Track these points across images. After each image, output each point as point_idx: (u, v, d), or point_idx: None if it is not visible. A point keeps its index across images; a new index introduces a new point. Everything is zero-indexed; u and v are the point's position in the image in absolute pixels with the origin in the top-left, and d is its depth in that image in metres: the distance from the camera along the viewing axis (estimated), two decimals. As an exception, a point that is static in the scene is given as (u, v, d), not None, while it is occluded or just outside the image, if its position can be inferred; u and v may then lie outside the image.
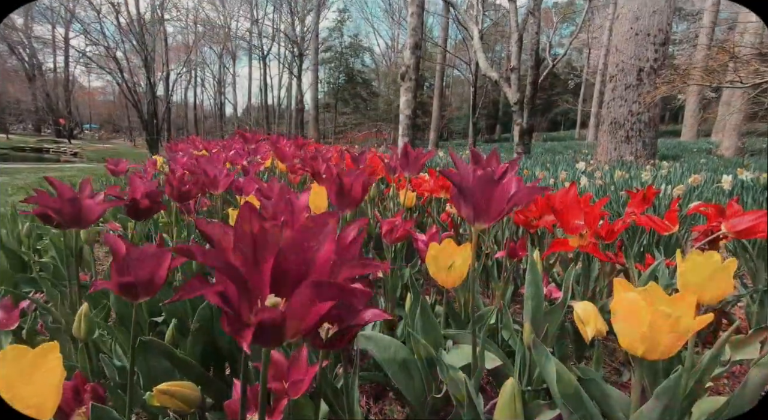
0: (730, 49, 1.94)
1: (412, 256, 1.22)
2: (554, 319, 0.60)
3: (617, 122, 4.79)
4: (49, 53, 20.47)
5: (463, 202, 0.43)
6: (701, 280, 0.45)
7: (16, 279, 1.02)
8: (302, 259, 0.25)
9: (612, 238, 0.96)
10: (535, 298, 0.57)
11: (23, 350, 0.27)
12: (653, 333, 0.36)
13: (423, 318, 0.68)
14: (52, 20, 18.01)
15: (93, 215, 0.65)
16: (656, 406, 0.35)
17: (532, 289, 0.57)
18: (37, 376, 0.27)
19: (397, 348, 0.65)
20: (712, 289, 0.46)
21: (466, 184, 0.42)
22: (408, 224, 0.81)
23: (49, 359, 0.27)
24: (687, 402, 0.48)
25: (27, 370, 0.27)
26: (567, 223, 0.79)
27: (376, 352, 0.63)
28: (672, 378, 0.34)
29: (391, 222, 0.81)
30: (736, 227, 0.80)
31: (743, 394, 0.42)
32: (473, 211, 0.42)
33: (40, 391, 0.26)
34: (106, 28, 13.17)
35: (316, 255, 0.25)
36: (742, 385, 0.41)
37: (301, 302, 0.22)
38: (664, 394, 0.34)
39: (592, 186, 2.42)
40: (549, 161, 5.27)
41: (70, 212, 0.63)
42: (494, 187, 0.42)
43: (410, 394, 0.63)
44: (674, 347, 0.38)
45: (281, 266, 0.25)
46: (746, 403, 0.42)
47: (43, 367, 0.27)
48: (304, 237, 0.25)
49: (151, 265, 0.39)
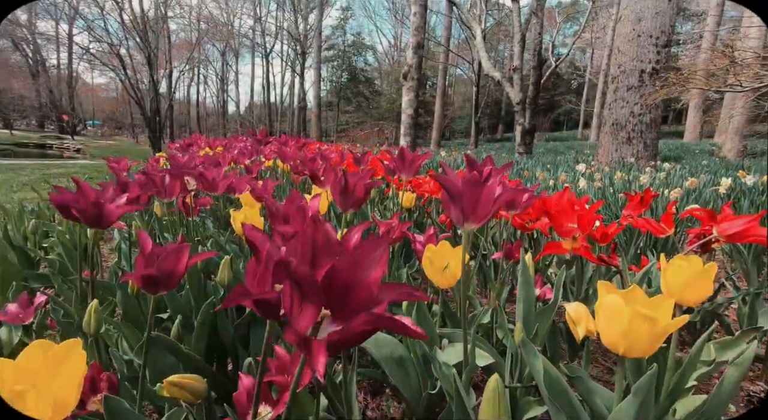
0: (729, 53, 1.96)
1: (410, 256, 1.25)
2: (544, 320, 0.62)
3: (619, 123, 4.80)
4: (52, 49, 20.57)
5: (452, 204, 0.45)
6: (682, 283, 0.48)
7: (25, 275, 1.05)
8: (353, 278, 0.26)
9: (606, 241, 0.98)
10: (526, 299, 0.59)
11: (48, 345, 0.30)
12: (632, 332, 0.38)
13: (419, 317, 0.70)
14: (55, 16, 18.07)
15: (113, 217, 0.68)
16: (634, 402, 0.37)
17: (523, 290, 0.60)
18: (61, 370, 0.29)
19: (395, 346, 0.67)
20: (693, 292, 0.48)
21: (455, 188, 0.44)
22: (405, 226, 0.83)
23: (72, 354, 0.29)
24: (669, 400, 0.51)
25: (51, 364, 0.29)
26: (560, 226, 0.81)
27: (374, 349, 0.65)
28: (647, 375, 0.36)
29: (388, 224, 0.83)
30: (726, 231, 0.82)
31: (720, 393, 0.44)
32: (462, 212, 0.45)
33: (64, 385, 0.29)
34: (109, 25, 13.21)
35: (365, 277, 0.26)
36: (719, 384, 0.44)
37: (356, 328, 0.23)
38: (640, 390, 0.36)
39: (591, 188, 2.44)
40: (550, 162, 5.28)
41: (93, 213, 0.66)
42: (480, 189, 0.44)
43: (406, 391, 0.65)
44: (653, 346, 0.40)
45: (333, 279, 0.25)
46: (723, 401, 0.45)
47: (67, 362, 0.29)
48: (359, 258, 0.26)
49: (172, 260, 0.43)
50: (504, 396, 0.35)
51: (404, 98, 6.70)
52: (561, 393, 0.45)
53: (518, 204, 0.83)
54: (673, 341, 0.51)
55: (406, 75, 6.56)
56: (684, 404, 0.55)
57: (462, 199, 0.44)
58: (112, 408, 0.40)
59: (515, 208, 0.84)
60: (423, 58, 6.90)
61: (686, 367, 0.48)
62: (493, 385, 0.34)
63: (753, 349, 0.45)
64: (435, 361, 0.57)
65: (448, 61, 15.72)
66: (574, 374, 0.49)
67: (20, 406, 0.27)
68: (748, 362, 0.45)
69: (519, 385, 0.54)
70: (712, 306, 0.95)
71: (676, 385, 0.48)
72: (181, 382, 0.39)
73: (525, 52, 8.38)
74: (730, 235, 0.80)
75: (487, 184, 0.43)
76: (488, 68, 8.49)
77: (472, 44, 13.16)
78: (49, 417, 0.28)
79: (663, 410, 0.50)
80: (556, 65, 10.77)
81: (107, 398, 0.40)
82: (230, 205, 1.51)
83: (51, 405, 0.28)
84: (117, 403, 0.41)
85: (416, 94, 6.63)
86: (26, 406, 0.27)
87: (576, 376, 0.49)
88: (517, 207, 0.84)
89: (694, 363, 0.49)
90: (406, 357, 0.67)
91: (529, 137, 7.97)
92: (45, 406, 0.27)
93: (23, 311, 0.65)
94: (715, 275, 0.49)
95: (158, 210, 1.35)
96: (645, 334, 0.38)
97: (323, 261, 0.26)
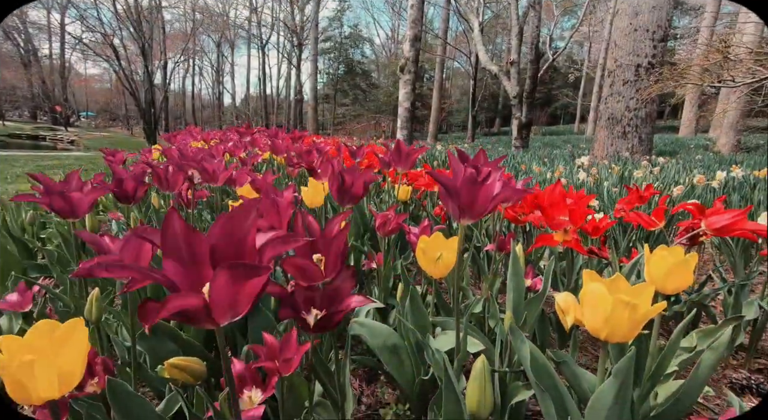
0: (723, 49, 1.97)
1: (405, 247, 1.27)
2: (533, 308, 0.64)
3: (614, 118, 4.82)
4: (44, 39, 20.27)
5: (450, 200, 0.47)
6: (664, 273, 0.50)
7: (24, 265, 1.06)
8: (232, 248, 0.27)
9: (597, 234, 1.00)
10: (516, 289, 0.61)
11: (54, 324, 0.31)
12: (614, 318, 0.40)
13: (413, 307, 0.72)
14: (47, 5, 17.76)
15: (84, 205, 0.69)
16: (614, 383, 0.39)
17: (513, 280, 0.61)
18: (67, 346, 0.31)
19: (389, 334, 0.69)
20: (674, 281, 0.50)
21: (453, 185, 0.46)
22: (401, 218, 0.84)
23: (76, 332, 0.31)
24: (651, 383, 0.53)
25: (57, 341, 0.31)
26: (552, 219, 0.83)
27: (369, 338, 0.67)
28: (626, 358, 0.38)
29: (384, 216, 0.84)
30: (714, 225, 0.84)
31: (696, 376, 0.46)
32: (459, 209, 0.46)
33: (70, 359, 0.30)
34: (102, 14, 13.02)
35: (243, 243, 0.27)
36: (695, 367, 0.46)
37: (220, 286, 0.24)
38: (620, 372, 0.39)
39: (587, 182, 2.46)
40: (546, 156, 5.31)
41: (62, 205, 0.67)
42: (479, 187, 0.45)
43: (400, 378, 0.67)
44: (633, 331, 0.42)
45: (217, 259, 0.27)
46: (700, 384, 0.47)
47: (72, 338, 0.31)
48: (228, 229, 0.27)
49: (135, 246, 0.45)
50: (490, 377, 0.36)
51: (401, 91, 6.69)
52: (547, 377, 0.47)
53: (510, 198, 0.85)
54: (655, 328, 0.53)
55: (403, 68, 6.54)
56: (665, 388, 0.58)
57: (459, 196, 0.45)
58: (115, 390, 0.42)
59: (508, 201, 0.86)
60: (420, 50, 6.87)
61: (666, 352, 0.50)
62: (479, 367, 0.36)
63: (728, 335, 0.47)
64: (428, 349, 0.58)
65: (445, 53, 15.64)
66: (560, 359, 0.51)
67: (28, 379, 0.28)
68: (724, 346, 0.47)
69: (508, 370, 0.56)
70: (698, 297, 0.98)
71: (657, 369, 0.51)
72: (181, 364, 0.41)
73: (522, 45, 8.36)
74: (717, 229, 0.83)
75: (486, 183, 0.44)
76: (485, 61, 8.46)
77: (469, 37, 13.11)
78: (56, 388, 0.29)
79: (644, 393, 0.52)
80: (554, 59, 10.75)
81: (110, 381, 0.42)
82: (227, 198, 1.52)
83: (57, 377, 0.29)
84: (120, 385, 0.42)
85: (413, 87, 6.61)
86: (33, 378, 0.28)
87: (562, 361, 0.51)
88: (509, 200, 0.86)
89: (674, 348, 0.51)
90: (400, 345, 0.69)
91: (526, 131, 7.98)
92: (52, 377, 0.29)
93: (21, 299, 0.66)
94: (703, 267, 0.51)
95: (155, 202, 1.36)
96: (626, 320, 0.40)
97: (199, 251, 0.27)
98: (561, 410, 0.45)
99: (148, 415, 0.43)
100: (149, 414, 0.44)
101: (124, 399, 0.43)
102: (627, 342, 0.45)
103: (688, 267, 0.49)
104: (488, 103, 22.11)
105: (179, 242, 0.26)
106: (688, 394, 0.47)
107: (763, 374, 0.95)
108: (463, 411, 0.46)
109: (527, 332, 0.62)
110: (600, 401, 0.41)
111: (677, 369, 0.59)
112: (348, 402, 0.55)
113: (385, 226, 0.86)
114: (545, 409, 0.44)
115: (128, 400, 0.43)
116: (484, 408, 0.35)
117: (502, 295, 1.17)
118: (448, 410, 0.45)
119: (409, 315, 0.72)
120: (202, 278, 0.27)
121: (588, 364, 0.97)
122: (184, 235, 0.26)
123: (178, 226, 0.26)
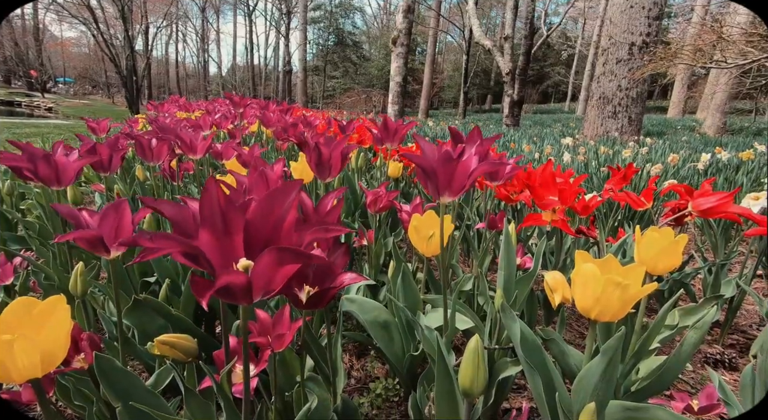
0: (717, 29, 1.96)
1: (396, 225, 1.26)
2: (523, 287, 0.65)
3: (605, 97, 4.81)
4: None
5: (427, 180, 0.47)
6: (654, 254, 0.50)
7: (4, 236, 1.03)
8: (269, 226, 0.28)
9: (587, 213, 1.01)
10: (507, 267, 0.62)
11: (33, 301, 0.30)
12: (605, 298, 0.40)
13: (404, 284, 0.72)
14: (17, -39, 16.60)
15: (70, 172, 0.66)
16: (602, 361, 0.40)
17: (505, 259, 0.62)
18: (48, 324, 0.30)
19: (379, 311, 0.69)
20: (663, 262, 0.51)
21: (428, 164, 0.45)
22: (392, 195, 0.83)
23: (57, 309, 0.30)
24: (634, 360, 0.55)
25: (38, 319, 0.30)
26: (541, 199, 0.84)
27: (359, 314, 0.67)
28: (616, 336, 0.38)
29: (375, 192, 0.83)
30: (700, 207, 0.85)
31: (680, 353, 0.48)
32: (436, 187, 0.46)
33: (52, 337, 0.29)
34: (78, -28, 12.24)
35: (282, 223, 0.28)
36: (679, 345, 0.47)
37: (264, 266, 0.25)
38: (609, 349, 0.39)
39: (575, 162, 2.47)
40: (536, 135, 5.30)
41: (46, 171, 0.64)
42: (455, 164, 0.45)
43: (390, 353, 0.68)
44: (623, 311, 0.43)
45: (251, 234, 0.27)
46: (682, 360, 0.48)
47: (53, 316, 0.30)
48: (268, 207, 0.27)
49: (114, 218, 0.44)
50: (483, 356, 0.37)
51: (393, 65, 6.54)
52: (536, 355, 0.47)
53: (500, 176, 0.84)
54: (642, 307, 0.54)
55: (396, 40, 6.37)
56: (647, 364, 0.60)
57: (436, 174, 0.45)
58: (102, 366, 0.41)
59: (498, 179, 0.86)
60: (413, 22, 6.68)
61: (651, 330, 0.52)
62: (473, 346, 0.36)
63: (713, 315, 0.49)
64: (417, 325, 0.59)
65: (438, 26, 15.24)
66: (548, 337, 0.52)
67: (8, 359, 0.27)
68: (707, 326, 0.49)
69: (497, 347, 0.57)
70: (680, 276, 1.01)
71: (641, 346, 0.52)
72: (171, 341, 0.40)
73: (517, 19, 8.18)
74: (703, 210, 0.84)
75: (461, 160, 0.44)
76: (479, 36, 8.29)
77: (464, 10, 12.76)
78: (38, 367, 0.28)
79: (628, 369, 0.53)
80: (548, 34, 10.59)
81: (98, 357, 0.41)
82: (215, 171, 1.48)
83: (39, 356, 0.28)
84: (108, 361, 0.42)
85: (405, 61, 6.47)
86: (14, 359, 0.27)
87: (550, 338, 0.52)
88: (499, 179, 0.86)
89: (659, 327, 0.52)
90: (391, 321, 0.69)
91: (517, 109, 7.93)
92: (33, 357, 0.28)
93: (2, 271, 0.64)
94: (685, 247, 0.51)
95: (140, 174, 1.32)
96: (616, 299, 0.40)
97: (234, 225, 0.27)
98: (549, 387, 0.46)
99: (137, 391, 0.43)
100: (139, 389, 0.43)
101: (113, 375, 0.42)
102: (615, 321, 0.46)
103: (677, 248, 0.49)
104: (480, 79, 21.83)
105: (216, 212, 0.26)
106: (670, 370, 0.49)
107: (735, 349, 0.99)
108: (454, 388, 0.47)
109: (517, 310, 0.63)
110: (587, 378, 0.42)
111: (659, 346, 0.61)
112: (339, 377, 0.56)
113: (377, 203, 0.85)
114: (534, 385, 0.45)
115: (117, 376, 0.43)
116: (477, 385, 0.36)
117: (491, 272, 1.18)
118: (440, 386, 0.46)
119: (400, 292, 0.72)
120: (234, 251, 0.27)
121: (572, 340, 1.00)
122: (223, 205, 0.26)
123: (217, 196, 0.26)
